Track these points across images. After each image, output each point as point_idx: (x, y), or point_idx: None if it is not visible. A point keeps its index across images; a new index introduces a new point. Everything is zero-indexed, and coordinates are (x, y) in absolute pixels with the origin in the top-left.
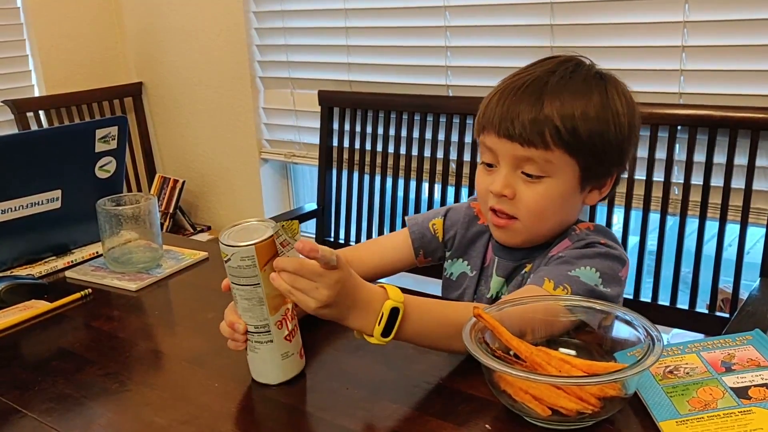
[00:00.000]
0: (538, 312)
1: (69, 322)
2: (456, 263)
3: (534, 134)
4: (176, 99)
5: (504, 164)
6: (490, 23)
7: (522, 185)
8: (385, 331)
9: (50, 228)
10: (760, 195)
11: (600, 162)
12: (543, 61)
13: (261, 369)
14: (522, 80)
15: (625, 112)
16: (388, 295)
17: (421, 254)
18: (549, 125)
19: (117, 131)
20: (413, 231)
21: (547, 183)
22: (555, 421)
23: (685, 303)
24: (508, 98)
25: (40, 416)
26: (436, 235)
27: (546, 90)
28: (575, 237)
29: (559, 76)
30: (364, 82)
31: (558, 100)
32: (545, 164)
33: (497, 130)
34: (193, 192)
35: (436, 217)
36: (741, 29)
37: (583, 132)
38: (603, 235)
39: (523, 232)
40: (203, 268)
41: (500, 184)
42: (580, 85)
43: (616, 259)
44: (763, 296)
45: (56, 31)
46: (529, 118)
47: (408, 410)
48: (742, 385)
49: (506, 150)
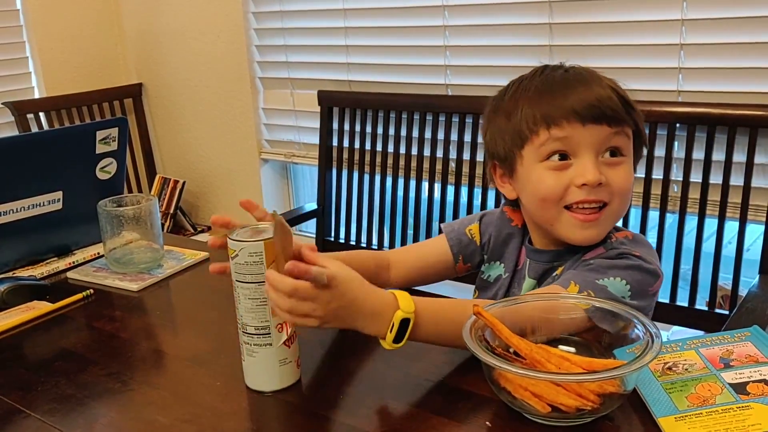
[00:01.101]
0: (537, 310)
1: (71, 323)
2: (493, 266)
3: (621, 111)
4: (176, 100)
5: (586, 152)
6: (489, 22)
7: (607, 169)
8: (397, 337)
9: (52, 229)
10: (758, 192)
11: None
12: (538, 69)
13: (257, 375)
14: (549, 80)
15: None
16: (399, 305)
17: (460, 260)
18: (623, 101)
19: (117, 132)
20: (450, 237)
21: (626, 162)
22: (555, 417)
23: (685, 300)
24: (561, 91)
25: (43, 416)
26: (474, 239)
27: (587, 78)
28: (610, 245)
29: (573, 74)
30: (363, 81)
31: (606, 81)
32: (626, 142)
33: (582, 117)
34: (194, 192)
35: (471, 223)
36: (739, 27)
37: (633, 105)
38: (639, 246)
39: (613, 217)
40: (204, 268)
41: (595, 173)
42: (599, 78)
43: (649, 273)
44: (763, 293)
45: (56, 33)
46: (609, 96)
47: (409, 408)
48: (740, 381)
49: (591, 136)
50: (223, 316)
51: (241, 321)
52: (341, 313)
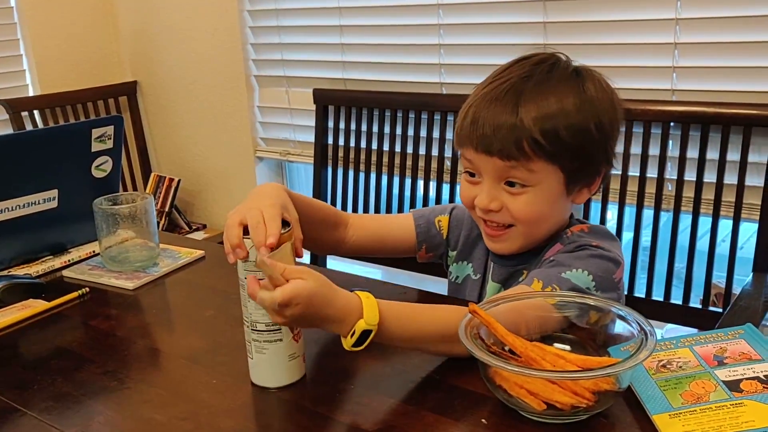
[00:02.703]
0: (531, 308)
1: (67, 321)
2: (461, 266)
3: (512, 147)
4: (171, 98)
5: (486, 177)
6: (483, 21)
7: (507, 196)
8: (359, 343)
9: (47, 227)
10: (752, 190)
11: (584, 164)
12: (518, 62)
13: (267, 371)
14: (496, 89)
15: (606, 109)
16: (363, 314)
17: (423, 248)
18: (527, 136)
19: (113, 130)
20: (419, 225)
21: (531, 192)
22: (550, 415)
23: (679, 298)
24: (483, 110)
25: (39, 415)
26: (441, 231)
27: (521, 98)
28: (566, 240)
29: (534, 82)
30: (358, 80)
31: (534, 107)
32: (528, 175)
33: (475, 146)
34: (189, 191)
35: (442, 214)
36: (733, 26)
37: (563, 138)
38: (597, 236)
39: (520, 237)
40: (200, 266)
41: (486, 200)
42: (557, 88)
43: (610, 261)
44: (756, 291)
45: (51, 31)
46: (506, 130)
47: (405, 405)
48: (734, 378)
49: (487, 164)
50: (218, 314)
51: (250, 319)
52: (303, 321)
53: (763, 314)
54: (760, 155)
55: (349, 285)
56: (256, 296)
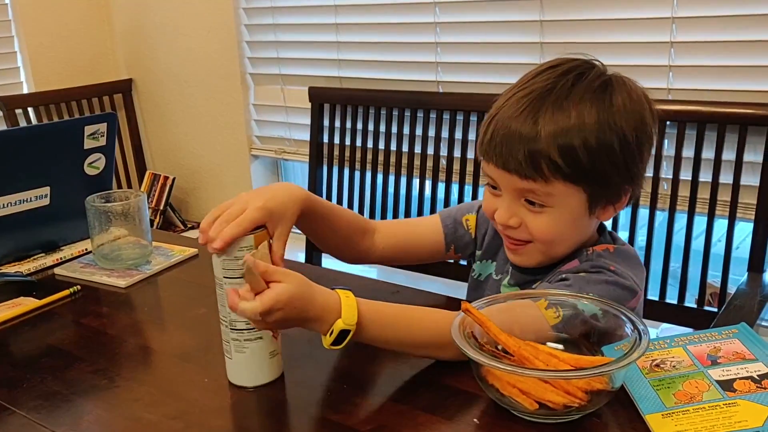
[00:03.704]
0: (525, 308)
1: (58, 319)
2: (485, 264)
3: (531, 168)
4: (166, 96)
5: (506, 193)
6: (480, 19)
7: (528, 214)
8: (337, 342)
9: (39, 225)
10: (747, 190)
11: (607, 185)
12: (546, 70)
13: (247, 370)
14: (518, 102)
15: (634, 124)
16: (341, 314)
17: (452, 249)
18: (545, 157)
19: (106, 128)
20: (447, 225)
21: (551, 212)
22: (542, 414)
23: (674, 298)
24: (502, 125)
25: (28, 413)
26: (469, 230)
27: (540, 114)
28: (585, 257)
29: (556, 95)
30: (354, 78)
31: (552, 124)
32: (546, 196)
33: (495, 161)
34: (184, 189)
35: (469, 212)
36: (729, 25)
37: (583, 160)
38: (618, 260)
39: (538, 254)
40: (192, 264)
41: (505, 216)
42: (579, 103)
43: (625, 289)
44: (751, 290)
45: (45, 28)
46: (525, 150)
47: (397, 405)
48: (727, 377)
49: (507, 181)
50: (210, 313)
51: (229, 318)
52: (285, 324)
53: (758, 314)
54: (756, 154)
55: (343, 283)
56: (237, 308)
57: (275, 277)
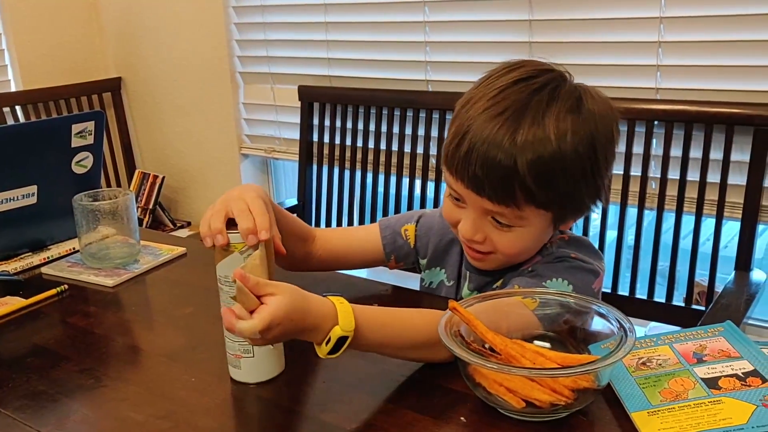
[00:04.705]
0: (512, 306)
1: (44, 319)
2: (433, 272)
3: (504, 194)
4: (155, 94)
5: (471, 208)
6: (469, 18)
7: (492, 230)
8: (334, 350)
9: (26, 224)
10: (734, 189)
11: (574, 206)
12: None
13: (256, 366)
14: (493, 120)
15: (603, 144)
16: (338, 320)
17: (392, 259)
18: (520, 184)
19: (93, 126)
20: (385, 236)
21: (518, 231)
22: (529, 413)
23: (662, 296)
24: (477, 143)
25: (13, 413)
26: (408, 240)
27: (519, 137)
28: (546, 251)
29: (533, 116)
30: (344, 77)
31: (533, 154)
32: (515, 218)
33: (465, 182)
34: (173, 188)
35: (408, 223)
36: (716, 25)
37: (557, 185)
38: (576, 246)
39: (499, 262)
40: (181, 263)
41: (470, 231)
42: (557, 128)
43: (589, 272)
44: (738, 288)
45: (33, 26)
46: (499, 174)
47: (385, 404)
48: (712, 375)
49: (474, 201)
50: (198, 312)
51: None
52: (282, 338)
53: (744, 312)
54: (743, 154)
55: (330, 282)
56: (234, 329)
57: (268, 290)
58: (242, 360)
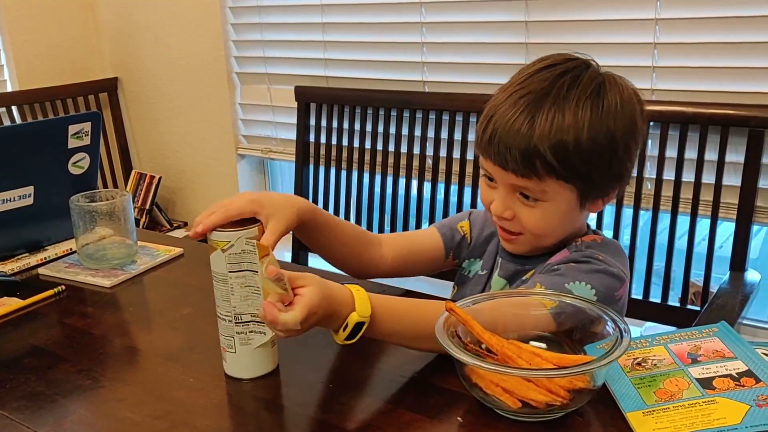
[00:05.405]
0: (510, 306)
1: (42, 320)
2: (473, 263)
3: (526, 167)
4: (152, 95)
5: (501, 186)
6: (466, 19)
7: (521, 207)
8: (350, 336)
9: (23, 224)
10: (729, 190)
11: (597, 184)
12: (542, 69)
13: (251, 362)
14: (516, 103)
15: (623, 128)
16: (355, 307)
17: (450, 256)
18: (540, 157)
19: (90, 127)
20: (444, 233)
21: (544, 206)
22: (525, 413)
23: (658, 296)
24: (500, 125)
25: (11, 414)
26: (465, 235)
27: (537, 117)
28: (574, 247)
29: (553, 97)
30: (340, 77)
31: (550, 127)
32: (540, 192)
33: (493, 160)
34: (170, 188)
35: (462, 220)
36: (712, 27)
37: (575, 161)
38: (605, 249)
39: (528, 244)
40: (178, 264)
41: (500, 208)
42: (575, 107)
43: (614, 277)
44: (733, 289)
45: (29, 26)
46: (520, 149)
47: (382, 404)
48: (707, 375)
49: (502, 176)
50: (196, 312)
51: (233, 312)
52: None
53: (739, 312)
54: (738, 155)
55: None
56: (278, 322)
57: (299, 283)
58: (227, 353)
